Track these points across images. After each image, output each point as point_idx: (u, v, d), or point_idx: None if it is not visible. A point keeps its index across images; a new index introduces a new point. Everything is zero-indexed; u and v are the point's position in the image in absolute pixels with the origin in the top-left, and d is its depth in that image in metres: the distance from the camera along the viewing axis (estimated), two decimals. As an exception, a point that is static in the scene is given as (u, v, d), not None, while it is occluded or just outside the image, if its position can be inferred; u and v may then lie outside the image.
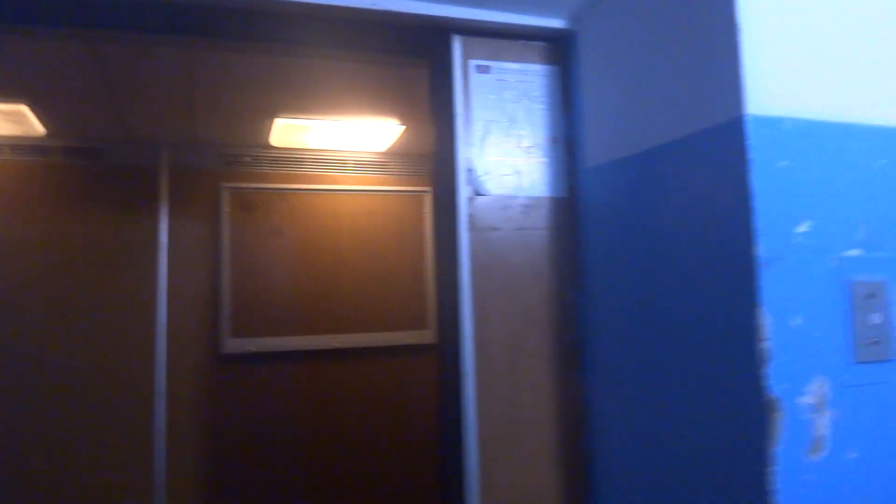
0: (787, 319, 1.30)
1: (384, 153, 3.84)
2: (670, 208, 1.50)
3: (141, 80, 2.60)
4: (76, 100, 2.86)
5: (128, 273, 3.42)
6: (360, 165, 3.84)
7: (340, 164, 3.80)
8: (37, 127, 3.16)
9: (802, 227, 1.32)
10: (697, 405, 1.43)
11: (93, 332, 3.34)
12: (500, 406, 1.78)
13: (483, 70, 1.89)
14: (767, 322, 1.28)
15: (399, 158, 3.90)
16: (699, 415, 1.42)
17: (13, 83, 2.59)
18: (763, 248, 1.27)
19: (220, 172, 3.64)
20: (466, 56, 1.89)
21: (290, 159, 3.72)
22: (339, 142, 3.55)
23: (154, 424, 3.36)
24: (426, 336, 3.82)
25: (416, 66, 2.02)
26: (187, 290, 3.51)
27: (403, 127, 3.28)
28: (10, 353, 3.21)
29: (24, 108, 2.92)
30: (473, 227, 1.82)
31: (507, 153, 1.86)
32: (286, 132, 3.33)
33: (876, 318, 1.39)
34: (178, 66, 2.44)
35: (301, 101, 2.85)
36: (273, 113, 3.03)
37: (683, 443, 1.47)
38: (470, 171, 1.83)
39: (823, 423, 1.31)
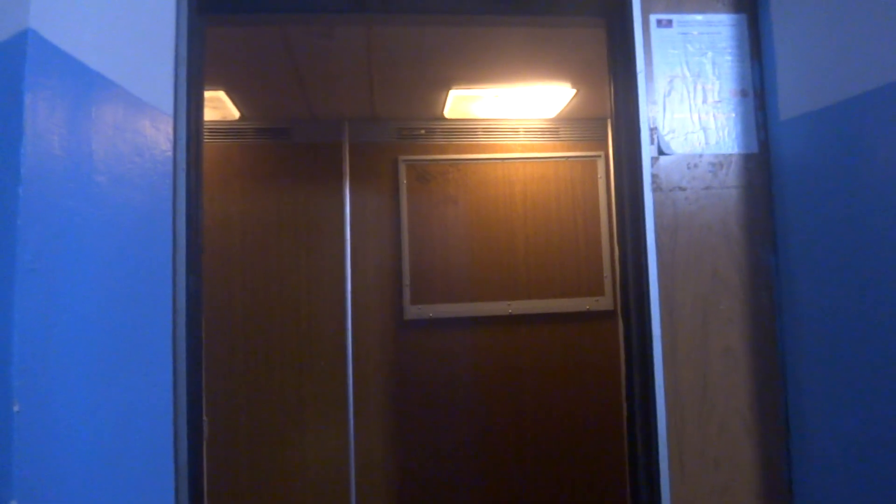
0: None
1: (554, 119, 3.80)
2: (884, 160, 1.38)
3: (324, 61, 2.75)
4: (266, 84, 3.08)
5: (319, 244, 3.66)
6: (531, 133, 3.83)
7: (511, 133, 3.82)
8: (232, 111, 3.45)
9: None
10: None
11: (291, 300, 3.62)
12: (690, 370, 1.73)
13: (664, 24, 1.82)
14: None
15: (570, 123, 3.84)
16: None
17: (213, 72, 2.83)
18: None
19: (397, 146, 3.78)
20: (646, 11, 1.82)
21: (462, 130, 3.79)
22: (510, 110, 3.56)
23: (347, 384, 3.59)
24: (602, 302, 3.77)
25: (593, 25, 1.98)
26: (371, 259, 3.70)
27: (575, 91, 3.23)
28: (219, 320, 3.55)
29: (221, 95, 3.19)
30: (657, 187, 1.77)
31: (692, 109, 1.79)
32: (458, 103, 3.39)
33: None
34: (357, 44, 2.55)
35: (474, 72, 2.89)
36: (448, 84, 3.09)
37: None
38: (653, 129, 1.78)
39: None
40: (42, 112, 1.03)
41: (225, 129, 3.66)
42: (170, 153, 1.57)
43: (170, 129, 1.58)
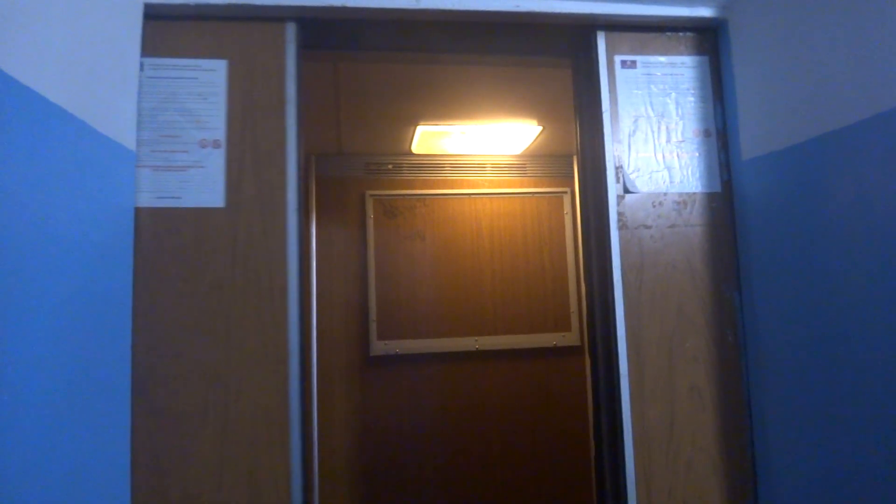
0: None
1: (521, 155, 3.84)
2: (841, 200, 1.41)
3: (291, 96, 2.74)
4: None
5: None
6: (498, 168, 3.86)
7: (479, 168, 3.84)
8: (198, 145, 3.42)
9: None
10: (877, 415, 1.32)
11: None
12: (657, 408, 1.73)
13: (629, 65, 1.85)
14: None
15: (536, 160, 3.88)
16: (879, 425, 1.32)
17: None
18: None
19: (364, 180, 3.77)
20: (611, 52, 1.85)
21: (429, 165, 3.80)
22: (478, 146, 3.58)
23: (312, 422, 3.52)
24: (568, 338, 3.78)
25: (559, 65, 2.01)
26: (337, 295, 3.66)
27: (541, 128, 3.26)
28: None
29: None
30: (623, 225, 1.78)
31: (656, 149, 1.81)
32: (425, 139, 3.40)
33: None
34: (324, 79, 2.55)
35: (442, 108, 2.90)
36: (415, 120, 3.10)
37: (861, 454, 1.37)
38: (618, 168, 1.79)
39: None
40: (-2, 147, 1.01)
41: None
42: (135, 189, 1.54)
43: (133, 166, 1.55)
